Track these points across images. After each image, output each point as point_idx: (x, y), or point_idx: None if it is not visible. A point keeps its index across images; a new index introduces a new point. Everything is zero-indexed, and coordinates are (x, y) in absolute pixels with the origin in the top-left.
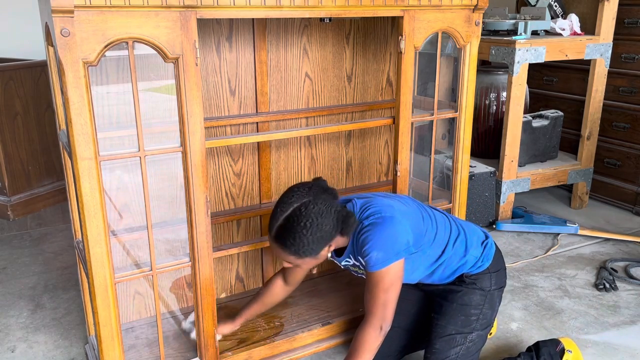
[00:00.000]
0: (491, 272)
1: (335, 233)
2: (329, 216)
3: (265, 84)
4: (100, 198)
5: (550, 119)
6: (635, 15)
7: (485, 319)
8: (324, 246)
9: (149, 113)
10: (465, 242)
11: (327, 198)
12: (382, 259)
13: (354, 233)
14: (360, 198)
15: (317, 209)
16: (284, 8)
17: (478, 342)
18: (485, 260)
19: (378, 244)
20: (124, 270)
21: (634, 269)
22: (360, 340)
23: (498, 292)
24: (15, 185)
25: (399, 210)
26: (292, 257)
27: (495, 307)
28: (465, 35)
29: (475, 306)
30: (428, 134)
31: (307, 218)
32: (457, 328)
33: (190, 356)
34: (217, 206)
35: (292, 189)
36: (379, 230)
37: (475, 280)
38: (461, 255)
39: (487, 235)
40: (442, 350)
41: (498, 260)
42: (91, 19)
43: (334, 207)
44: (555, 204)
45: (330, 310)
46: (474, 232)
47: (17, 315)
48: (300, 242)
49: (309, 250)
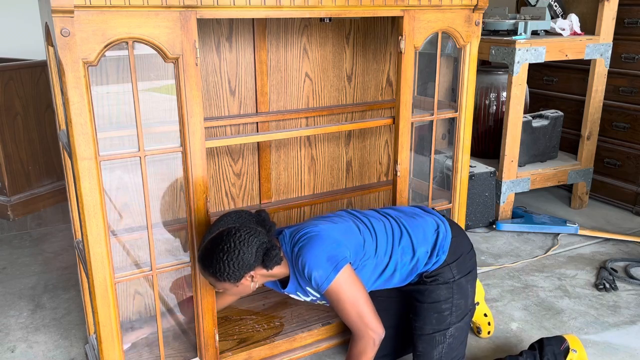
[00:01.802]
0: (449, 263)
1: (255, 264)
2: (250, 246)
3: (265, 84)
4: (100, 198)
5: (550, 119)
6: (635, 15)
7: (460, 310)
8: (243, 274)
9: (149, 113)
10: (411, 240)
11: (255, 229)
12: (325, 276)
13: (292, 263)
14: (289, 228)
15: (239, 236)
16: (284, 8)
17: (459, 335)
18: (440, 253)
19: (313, 263)
20: (124, 270)
21: (634, 269)
22: (354, 353)
23: (465, 279)
24: (15, 185)
25: (326, 226)
26: (211, 278)
27: (467, 294)
28: (465, 35)
29: (445, 301)
30: (428, 134)
31: (228, 244)
32: (434, 327)
33: (190, 356)
34: (217, 206)
35: (226, 214)
36: (309, 249)
37: (435, 276)
38: (410, 254)
39: (438, 225)
40: (425, 352)
41: (457, 248)
42: (91, 19)
43: (259, 238)
44: (555, 204)
45: (330, 310)
46: (421, 227)
47: (17, 315)
48: (217, 265)
49: (226, 275)
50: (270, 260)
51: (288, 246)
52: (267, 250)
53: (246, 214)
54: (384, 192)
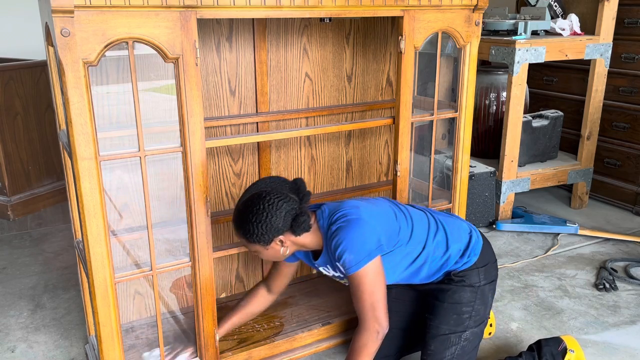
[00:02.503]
0: (479, 267)
1: (284, 228)
2: (278, 209)
3: (265, 84)
4: (100, 198)
5: (550, 119)
6: (635, 15)
7: (479, 315)
8: (272, 237)
9: (149, 113)
10: (446, 235)
11: (286, 195)
12: (355, 261)
13: (326, 239)
14: (329, 205)
15: (268, 199)
16: (284, 8)
17: (473, 340)
18: (472, 255)
19: (348, 246)
20: (124, 270)
21: (634, 269)
22: (357, 346)
23: (489, 287)
24: (15, 185)
25: (366, 210)
26: (243, 239)
27: (487, 302)
28: (465, 35)
29: (467, 303)
30: (428, 134)
31: (257, 206)
32: (450, 327)
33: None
34: (217, 206)
35: (261, 179)
36: (347, 233)
37: (463, 277)
38: (443, 249)
39: (472, 229)
40: (437, 351)
41: (486, 254)
42: (91, 19)
43: (289, 203)
44: (555, 204)
45: (330, 310)
46: (456, 225)
47: (17, 315)
48: (247, 227)
49: (255, 237)
50: (298, 226)
51: (325, 222)
52: (296, 216)
53: (280, 180)
54: (384, 192)
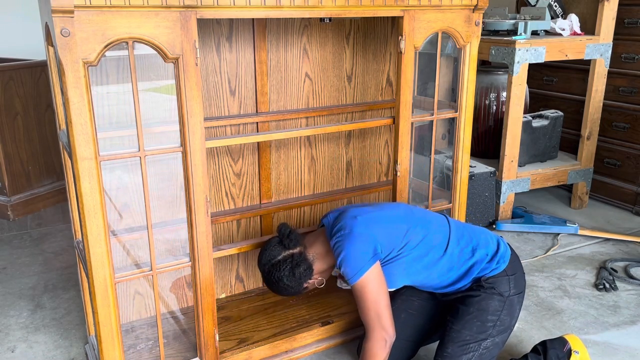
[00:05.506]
0: (509, 274)
1: (302, 281)
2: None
3: (265, 84)
4: (100, 198)
5: (550, 119)
6: (635, 15)
7: (503, 326)
8: (300, 289)
9: (149, 113)
10: (471, 241)
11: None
12: (352, 273)
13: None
14: (334, 212)
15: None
16: (284, 8)
17: (493, 349)
18: (501, 261)
19: (345, 260)
20: (124, 270)
21: (634, 269)
22: (367, 356)
23: (518, 298)
24: (15, 185)
25: (364, 220)
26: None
27: (514, 314)
28: (465, 35)
29: (493, 312)
30: (428, 134)
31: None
32: (472, 334)
33: (190, 356)
34: (217, 206)
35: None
36: (344, 248)
37: (493, 284)
38: (469, 254)
39: (499, 239)
40: (454, 355)
41: (515, 263)
42: (91, 19)
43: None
44: (555, 204)
45: (330, 310)
46: (483, 233)
47: (17, 315)
48: (280, 292)
49: (289, 294)
50: (305, 277)
51: (330, 231)
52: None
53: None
54: (384, 192)
